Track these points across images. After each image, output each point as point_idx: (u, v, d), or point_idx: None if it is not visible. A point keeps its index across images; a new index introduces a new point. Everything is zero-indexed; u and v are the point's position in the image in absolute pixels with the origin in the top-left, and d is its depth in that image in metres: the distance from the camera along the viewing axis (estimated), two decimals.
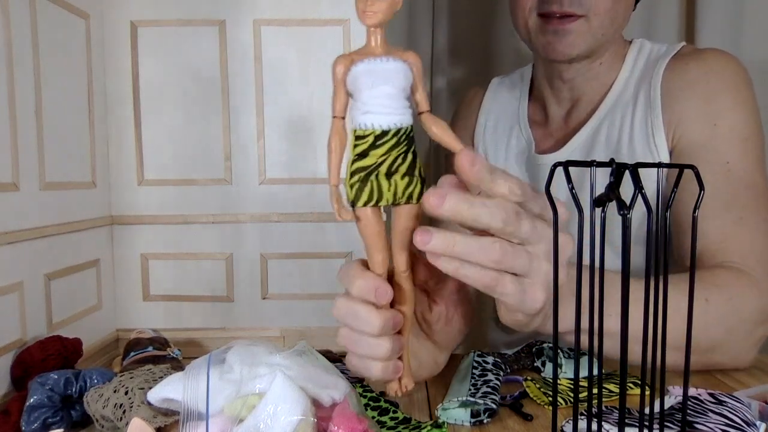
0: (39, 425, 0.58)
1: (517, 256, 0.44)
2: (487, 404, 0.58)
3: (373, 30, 0.44)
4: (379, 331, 0.46)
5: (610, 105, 0.88)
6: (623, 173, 0.35)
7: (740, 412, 0.51)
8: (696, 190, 0.40)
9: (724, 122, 0.79)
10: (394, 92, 0.43)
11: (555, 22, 0.82)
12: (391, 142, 0.44)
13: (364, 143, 0.44)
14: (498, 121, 1.02)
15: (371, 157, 0.44)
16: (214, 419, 0.38)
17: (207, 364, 0.41)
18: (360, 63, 0.43)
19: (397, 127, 0.44)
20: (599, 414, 0.41)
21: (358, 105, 0.44)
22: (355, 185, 0.44)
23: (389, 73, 0.43)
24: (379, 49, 0.44)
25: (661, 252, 0.38)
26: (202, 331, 0.93)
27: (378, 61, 0.43)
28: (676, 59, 0.85)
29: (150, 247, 0.93)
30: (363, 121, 0.44)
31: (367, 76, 0.43)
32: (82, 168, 0.85)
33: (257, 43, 0.91)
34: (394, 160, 0.44)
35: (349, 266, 0.49)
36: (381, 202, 0.45)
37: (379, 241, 0.46)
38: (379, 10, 0.43)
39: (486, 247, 0.43)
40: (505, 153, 1.00)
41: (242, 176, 0.93)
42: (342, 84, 0.44)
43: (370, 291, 0.46)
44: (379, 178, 0.44)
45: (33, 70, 0.73)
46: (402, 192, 0.45)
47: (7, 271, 0.67)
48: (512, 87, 1.04)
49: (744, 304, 0.69)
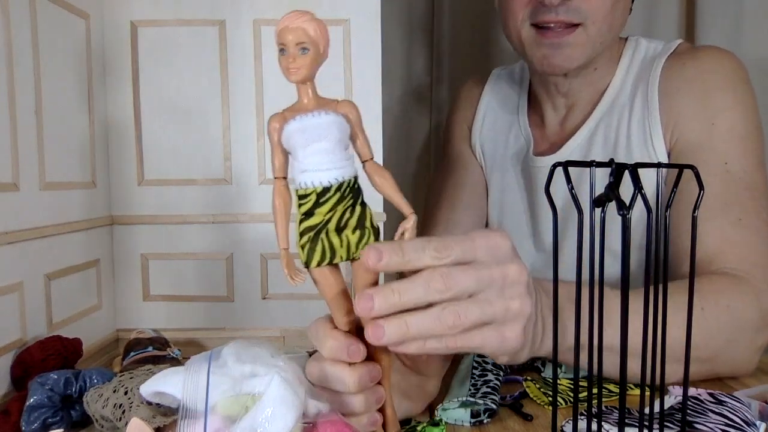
0: (39, 425, 0.58)
1: (471, 311, 0.42)
2: (487, 404, 0.58)
3: (302, 86, 0.43)
4: (355, 389, 0.44)
5: (606, 107, 0.86)
6: (623, 173, 0.35)
7: (740, 412, 0.51)
8: (694, 191, 0.40)
9: (721, 121, 0.78)
10: (330, 147, 0.42)
11: (551, 34, 0.79)
12: (334, 198, 0.42)
13: (308, 202, 0.42)
14: (497, 116, 1.01)
15: (317, 215, 0.42)
16: (210, 418, 0.38)
17: (207, 361, 0.41)
18: (291, 121, 0.42)
19: (338, 181, 0.42)
20: (599, 414, 0.41)
21: (295, 164, 0.43)
22: (306, 245, 0.43)
23: (322, 128, 0.42)
24: (311, 104, 0.43)
25: (660, 255, 0.38)
26: (202, 331, 0.93)
27: (309, 117, 0.42)
28: (673, 58, 0.84)
29: (150, 247, 0.93)
30: (303, 180, 0.42)
31: (300, 134, 0.42)
32: (82, 168, 0.85)
33: (257, 43, 0.91)
34: (342, 215, 0.43)
35: (317, 326, 0.47)
36: (335, 260, 0.43)
37: (341, 300, 0.44)
38: (302, 65, 0.42)
39: (439, 317, 0.41)
40: (503, 151, 0.98)
41: (242, 176, 0.93)
42: (278, 144, 0.43)
43: (342, 351, 0.44)
44: (329, 235, 0.43)
45: (33, 70, 0.73)
46: (356, 246, 0.43)
47: (7, 271, 0.67)
48: (512, 81, 1.02)
49: (742, 311, 0.67)
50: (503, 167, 0.98)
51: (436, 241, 0.43)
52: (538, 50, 0.81)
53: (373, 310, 0.41)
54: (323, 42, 0.43)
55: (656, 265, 0.39)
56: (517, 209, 0.96)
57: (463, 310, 0.42)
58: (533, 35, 0.81)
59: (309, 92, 0.44)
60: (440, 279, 0.41)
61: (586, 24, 0.78)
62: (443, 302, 0.42)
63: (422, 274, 0.42)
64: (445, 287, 0.41)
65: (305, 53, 0.42)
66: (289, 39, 0.42)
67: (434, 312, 0.41)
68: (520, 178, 0.96)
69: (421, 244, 0.42)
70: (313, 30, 0.42)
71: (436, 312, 0.41)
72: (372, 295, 0.41)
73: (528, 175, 0.94)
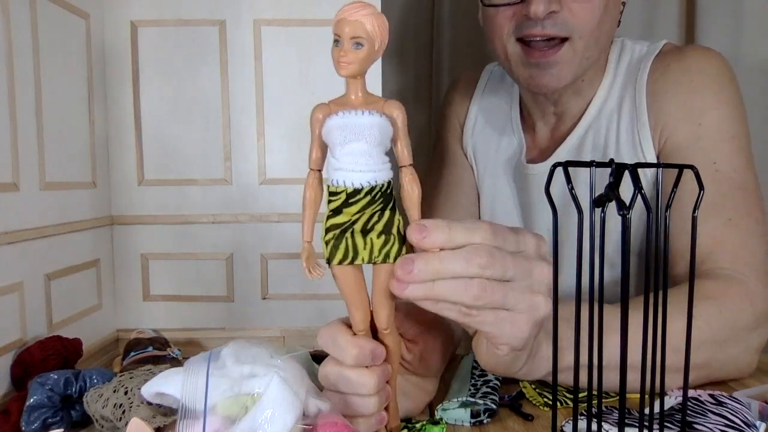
0: (39, 425, 0.58)
1: (498, 290, 0.43)
2: (487, 404, 0.58)
3: (352, 80, 0.42)
4: (375, 391, 0.46)
5: (595, 113, 0.85)
6: (623, 173, 0.35)
7: (740, 414, 0.51)
8: (687, 191, 0.40)
9: (708, 121, 0.77)
10: (367, 148, 0.41)
11: (537, 54, 0.77)
12: (364, 201, 0.42)
13: (338, 200, 0.42)
14: (489, 117, 0.99)
15: (345, 214, 0.42)
16: (209, 419, 0.38)
17: (207, 362, 0.41)
18: (334, 116, 0.41)
19: (371, 185, 0.41)
20: (599, 414, 0.41)
21: (331, 160, 0.42)
22: (330, 242, 0.42)
23: (363, 127, 0.41)
24: (358, 101, 0.42)
25: (661, 258, 0.38)
26: (202, 331, 0.93)
27: (352, 115, 0.41)
28: (659, 59, 0.82)
29: (150, 247, 0.93)
30: (335, 178, 0.42)
31: (339, 131, 0.41)
32: (82, 168, 0.85)
33: (257, 43, 0.91)
34: (369, 218, 0.42)
35: (333, 333, 0.47)
36: (356, 261, 0.42)
37: (358, 299, 0.44)
38: (354, 61, 0.40)
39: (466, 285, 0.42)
40: (495, 155, 0.97)
41: (242, 176, 0.93)
42: (318, 136, 0.42)
43: (367, 357, 0.45)
44: (354, 235, 0.42)
45: (33, 70, 0.73)
46: (378, 251, 0.42)
47: (7, 271, 0.67)
48: (505, 80, 0.99)
49: (736, 314, 0.67)
50: (495, 173, 0.96)
51: (489, 224, 0.43)
52: (525, 70, 0.79)
53: (412, 273, 0.41)
54: (380, 38, 0.41)
55: (655, 268, 0.39)
56: (509, 217, 0.95)
57: (491, 286, 0.42)
58: (519, 53, 0.79)
59: (358, 88, 0.42)
60: (486, 255, 0.42)
61: (573, 39, 0.76)
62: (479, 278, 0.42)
63: (467, 248, 0.42)
64: (487, 263, 0.42)
65: (359, 48, 0.40)
66: (345, 31, 0.40)
67: (463, 279, 0.42)
68: (512, 184, 0.95)
69: (471, 224, 0.43)
70: (371, 25, 0.40)
71: (464, 279, 0.42)
72: (413, 259, 0.41)
73: (520, 182, 0.93)
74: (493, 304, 0.43)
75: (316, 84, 0.92)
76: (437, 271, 0.41)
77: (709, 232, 0.73)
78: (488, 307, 0.43)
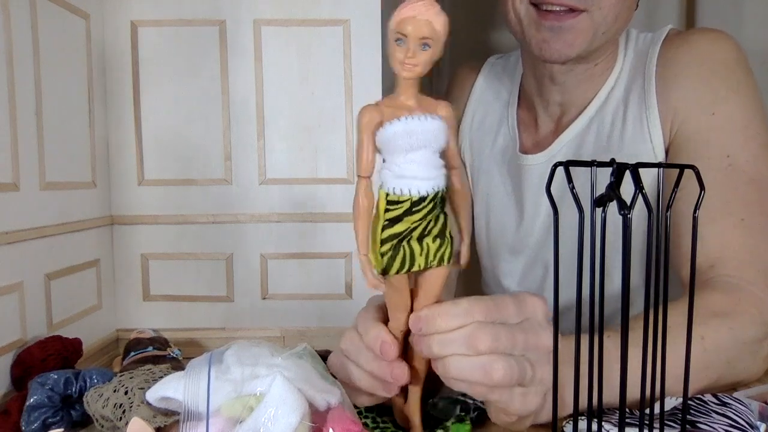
0: (39, 425, 0.58)
1: (514, 371, 0.43)
2: (476, 403, 0.58)
3: (408, 81, 0.40)
4: None
5: (600, 103, 0.83)
6: (624, 173, 0.35)
7: (744, 415, 0.51)
8: (694, 190, 0.39)
9: (721, 110, 0.73)
10: (432, 155, 0.39)
11: (552, 17, 0.73)
12: (427, 208, 0.40)
13: (399, 209, 0.40)
14: (487, 111, 0.98)
15: (405, 222, 0.40)
16: (213, 420, 0.38)
17: (208, 364, 0.41)
18: (396, 121, 0.39)
19: (434, 191, 0.40)
20: (599, 414, 0.41)
21: (391, 167, 0.39)
22: (387, 254, 0.40)
23: (429, 134, 0.39)
24: (412, 102, 0.40)
25: (660, 260, 0.38)
26: (202, 331, 0.93)
27: (415, 120, 0.39)
28: (666, 45, 0.80)
29: (150, 247, 0.93)
30: (398, 186, 0.39)
31: (405, 138, 0.38)
32: (82, 168, 0.85)
33: (257, 43, 0.91)
34: (428, 224, 0.41)
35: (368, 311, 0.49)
36: (414, 268, 0.41)
37: (404, 303, 0.44)
38: (421, 63, 0.38)
39: (485, 369, 0.43)
40: (490, 150, 0.96)
41: (242, 176, 0.93)
42: (371, 139, 0.39)
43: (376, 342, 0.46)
44: (411, 243, 0.41)
45: (33, 70, 0.73)
46: (434, 255, 0.42)
47: (7, 271, 0.67)
48: (505, 72, 0.98)
49: (747, 328, 0.64)
50: (489, 168, 0.95)
51: (485, 302, 0.44)
52: (538, 33, 0.75)
53: (421, 331, 0.44)
54: (443, 39, 0.39)
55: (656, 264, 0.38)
56: (504, 210, 0.93)
57: (509, 368, 0.43)
58: (533, 15, 0.75)
59: (414, 90, 0.40)
60: (487, 339, 0.43)
61: (592, 10, 0.73)
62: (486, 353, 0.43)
63: (469, 328, 0.43)
64: (490, 348, 0.43)
65: (426, 49, 0.38)
66: (412, 31, 0.38)
67: (483, 361, 0.43)
68: (506, 176, 0.93)
69: (469, 304, 0.44)
70: (440, 25, 0.38)
71: (484, 361, 0.43)
72: (421, 317, 0.44)
73: (515, 174, 0.91)
74: (512, 383, 0.44)
75: (316, 84, 0.92)
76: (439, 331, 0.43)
77: (720, 233, 0.70)
78: (501, 386, 0.44)
